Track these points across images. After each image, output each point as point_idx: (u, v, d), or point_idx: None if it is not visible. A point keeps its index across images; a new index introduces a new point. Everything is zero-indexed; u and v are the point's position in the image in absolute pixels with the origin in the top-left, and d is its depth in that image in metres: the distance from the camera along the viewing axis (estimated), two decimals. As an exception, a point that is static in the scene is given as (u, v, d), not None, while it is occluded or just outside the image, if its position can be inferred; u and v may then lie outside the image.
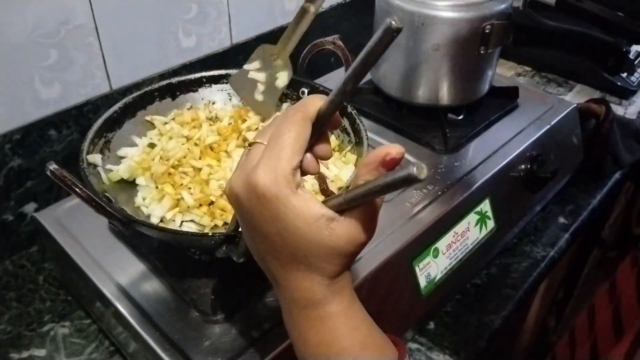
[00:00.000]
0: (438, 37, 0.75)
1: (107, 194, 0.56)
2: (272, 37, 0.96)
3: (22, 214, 0.75)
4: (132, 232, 0.52)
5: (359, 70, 0.34)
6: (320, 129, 0.38)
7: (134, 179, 0.61)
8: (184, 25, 0.83)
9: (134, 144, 0.65)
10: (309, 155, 0.38)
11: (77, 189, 0.48)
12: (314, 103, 0.36)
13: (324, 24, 1.05)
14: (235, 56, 0.92)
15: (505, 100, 0.89)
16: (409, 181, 0.30)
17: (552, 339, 1.31)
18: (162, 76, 0.83)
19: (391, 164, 0.34)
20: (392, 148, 0.33)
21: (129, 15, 0.76)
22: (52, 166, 0.47)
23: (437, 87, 0.80)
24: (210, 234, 0.50)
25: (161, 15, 0.80)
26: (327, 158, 0.39)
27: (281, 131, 0.35)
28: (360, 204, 0.35)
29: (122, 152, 0.63)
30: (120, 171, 0.60)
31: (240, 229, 0.49)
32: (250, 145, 0.37)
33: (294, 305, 0.37)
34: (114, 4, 0.74)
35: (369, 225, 0.36)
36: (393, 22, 0.30)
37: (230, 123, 0.68)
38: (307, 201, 0.34)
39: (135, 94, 0.66)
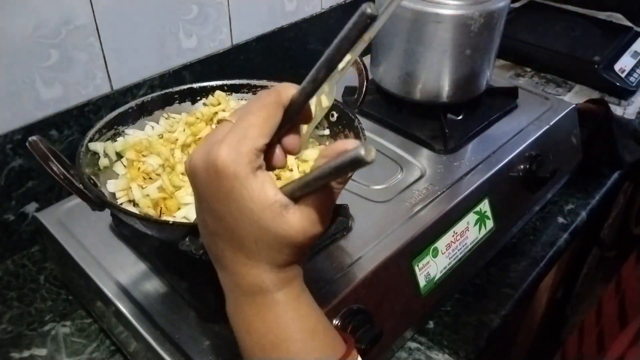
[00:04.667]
0: (437, 33, 0.75)
1: (94, 179, 0.55)
2: (273, 37, 0.97)
3: (23, 214, 0.75)
4: (115, 218, 0.52)
5: (332, 56, 0.33)
6: (291, 118, 0.36)
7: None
8: (184, 26, 0.83)
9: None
10: (277, 148, 0.37)
11: (50, 164, 0.46)
12: (287, 90, 0.35)
13: (324, 25, 1.05)
14: (235, 57, 0.92)
15: (504, 100, 0.89)
16: (357, 163, 0.29)
17: (550, 338, 1.31)
18: (162, 76, 0.83)
19: None
20: (350, 143, 0.33)
21: (129, 15, 0.76)
22: (35, 137, 0.44)
23: (437, 83, 0.80)
24: (172, 222, 0.48)
25: (162, 16, 0.80)
26: (295, 152, 0.38)
27: (251, 110, 0.34)
28: (313, 191, 0.34)
29: (129, 130, 0.64)
30: (116, 143, 0.61)
31: None
32: (219, 122, 0.36)
33: (239, 292, 0.36)
34: (114, 5, 0.74)
35: (322, 217, 0.34)
36: (368, 9, 0.30)
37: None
38: (263, 184, 0.33)
39: (154, 94, 0.66)
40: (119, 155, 0.61)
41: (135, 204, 0.57)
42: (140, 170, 0.59)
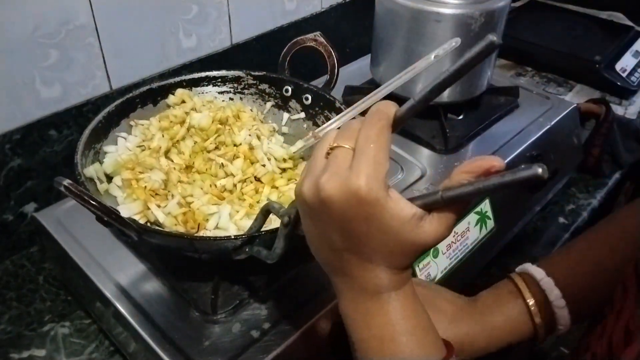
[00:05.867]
0: (438, 32, 0.75)
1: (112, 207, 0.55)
2: (273, 37, 0.97)
3: (22, 214, 0.75)
4: (147, 243, 0.52)
5: (449, 79, 0.35)
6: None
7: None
8: (184, 26, 0.83)
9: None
10: None
11: (94, 202, 0.46)
12: (391, 109, 0.38)
13: (324, 25, 1.05)
14: (235, 56, 0.92)
15: (505, 100, 0.89)
16: (532, 181, 0.30)
17: (551, 339, 1.31)
18: (162, 76, 0.83)
19: (493, 174, 0.36)
20: (495, 161, 0.35)
21: (129, 15, 0.76)
22: (66, 181, 0.44)
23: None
24: (233, 237, 0.49)
25: (162, 16, 0.80)
26: None
27: (371, 137, 0.37)
28: (456, 202, 0.36)
29: (108, 148, 0.63)
30: (104, 165, 0.60)
31: (258, 230, 0.50)
32: (332, 148, 0.38)
33: (363, 293, 0.39)
34: (114, 5, 0.74)
35: (455, 221, 0.38)
36: (495, 38, 0.32)
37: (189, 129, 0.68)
38: (398, 202, 0.36)
39: (117, 102, 0.65)
40: (108, 177, 0.61)
41: (153, 224, 0.57)
42: (147, 189, 0.58)
